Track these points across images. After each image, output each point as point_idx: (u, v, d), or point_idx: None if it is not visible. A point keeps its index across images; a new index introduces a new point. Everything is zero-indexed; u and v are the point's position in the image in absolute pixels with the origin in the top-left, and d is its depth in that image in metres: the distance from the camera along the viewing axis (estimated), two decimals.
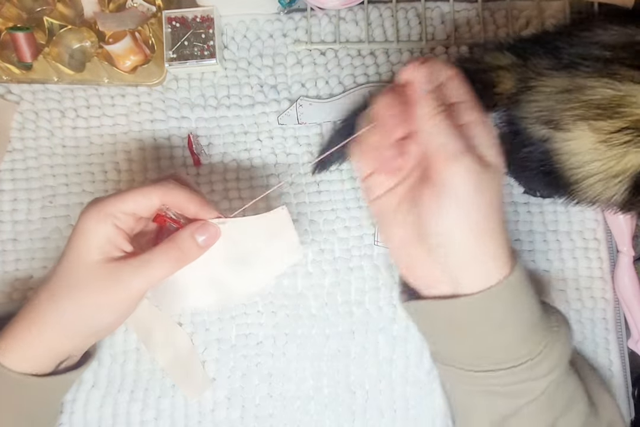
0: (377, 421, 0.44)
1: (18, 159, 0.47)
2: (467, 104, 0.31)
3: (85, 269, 0.33)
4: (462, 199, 0.30)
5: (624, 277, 0.44)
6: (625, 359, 0.45)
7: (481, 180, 0.30)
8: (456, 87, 0.32)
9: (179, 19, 0.46)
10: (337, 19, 0.48)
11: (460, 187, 0.30)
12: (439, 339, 0.38)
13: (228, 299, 0.39)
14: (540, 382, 0.34)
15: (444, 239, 0.32)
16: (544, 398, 0.34)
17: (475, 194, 0.30)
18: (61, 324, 0.33)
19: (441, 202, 0.30)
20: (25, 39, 0.45)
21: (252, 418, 0.44)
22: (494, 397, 0.35)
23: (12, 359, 0.34)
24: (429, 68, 0.31)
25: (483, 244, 0.32)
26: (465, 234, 0.31)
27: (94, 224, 0.33)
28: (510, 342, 0.34)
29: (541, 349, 0.34)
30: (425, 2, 0.48)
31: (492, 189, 0.31)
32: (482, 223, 0.31)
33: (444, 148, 0.30)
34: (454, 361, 0.36)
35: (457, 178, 0.30)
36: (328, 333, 0.45)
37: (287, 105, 0.47)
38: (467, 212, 0.31)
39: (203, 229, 0.35)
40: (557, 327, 0.36)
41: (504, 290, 0.33)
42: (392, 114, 0.31)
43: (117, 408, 0.43)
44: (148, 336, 0.44)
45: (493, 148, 0.31)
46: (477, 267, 0.33)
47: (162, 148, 0.47)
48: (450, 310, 0.34)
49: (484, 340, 0.34)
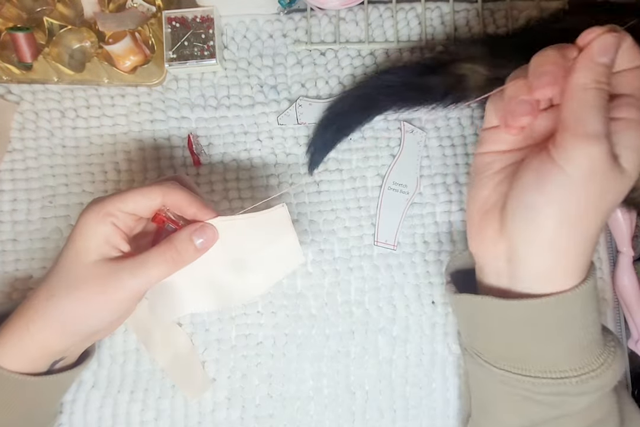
0: (377, 422, 0.44)
1: (18, 159, 0.47)
2: (634, 100, 0.28)
3: (83, 268, 0.33)
4: (574, 185, 0.27)
5: (624, 278, 0.44)
6: (625, 359, 0.45)
7: (605, 176, 0.26)
8: (633, 79, 0.28)
9: (179, 19, 0.46)
10: (337, 19, 0.48)
11: (580, 170, 0.26)
12: (481, 335, 0.35)
13: (227, 303, 0.39)
14: (583, 398, 0.31)
15: (526, 221, 0.29)
16: (580, 415, 0.32)
17: (589, 186, 0.27)
18: (60, 323, 0.33)
19: (548, 179, 0.27)
20: (25, 39, 0.45)
21: (252, 419, 0.44)
22: (528, 402, 0.33)
23: (7, 358, 0.34)
24: (622, 43, 0.27)
25: (567, 241, 0.28)
26: (552, 223, 0.28)
27: (94, 224, 0.33)
28: (567, 351, 0.31)
29: (599, 364, 0.31)
30: (425, 3, 0.48)
31: (611, 192, 0.27)
32: (578, 220, 0.28)
33: (584, 124, 0.26)
34: (491, 359, 0.34)
35: (582, 160, 0.26)
36: (328, 333, 0.45)
37: (287, 105, 0.47)
38: (569, 201, 0.27)
39: (201, 231, 0.34)
40: (614, 348, 0.32)
41: (574, 299, 0.30)
42: (549, 70, 0.27)
43: (116, 409, 0.43)
44: (148, 336, 0.44)
45: (635, 155, 0.27)
46: (551, 265, 0.30)
47: (162, 148, 0.47)
48: (506, 310, 0.31)
49: (537, 345, 0.32)
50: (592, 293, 0.31)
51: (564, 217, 0.28)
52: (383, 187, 0.46)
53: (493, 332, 0.33)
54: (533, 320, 0.31)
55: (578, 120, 0.26)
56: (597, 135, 0.26)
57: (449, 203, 0.46)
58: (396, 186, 0.46)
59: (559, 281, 0.30)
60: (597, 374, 0.31)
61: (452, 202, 0.46)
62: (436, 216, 0.46)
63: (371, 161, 0.47)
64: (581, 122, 0.26)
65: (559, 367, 0.31)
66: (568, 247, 0.29)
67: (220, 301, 0.38)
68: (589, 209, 0.28)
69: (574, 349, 0.31)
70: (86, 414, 0.43)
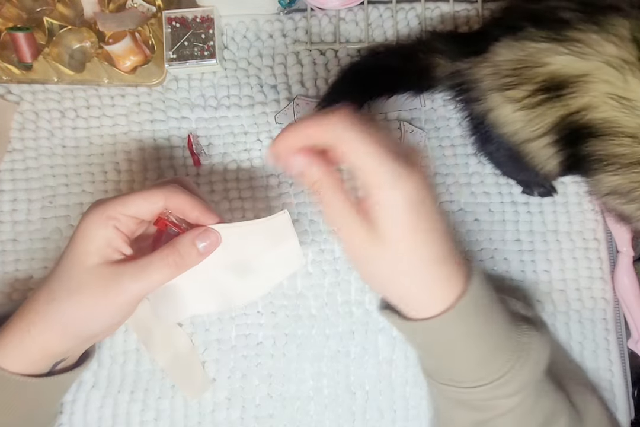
0: (377, 422, 0.44)
1: (18, 160, 0.47)
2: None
3: (84, 272, 0.33)
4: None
5: (624, 278, 0.44)
6: (625, 360, 0.45)
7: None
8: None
9: (179, 19, 0.46)
10: (337, 20, 0.48)
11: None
12: (416, 350, 0.38)
13: (228, 305, 0.38)
14: (509, 400, 0.33)
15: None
16: (519, 412, 0.34)
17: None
18: (61, 325, 0.33)
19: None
20: (25, 39, 0.45)
21: (252, 419, 0.44)
22: (466, 408, 0.35)
23: (8, 359, 0.34)
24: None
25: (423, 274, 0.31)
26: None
27: (95, 226, 0.33)
28: (465, 365, 0.33)
29: (506, 370, 0.32)
30: (425, 3, 0.48)
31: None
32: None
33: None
34: (428, 371, 0.37)
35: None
36: (328, 333, 0.45)
37: (287, 105, 0.47)
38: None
39: (204, 236, 0.34)
40: (529, 344, 0.34)
41: (453, 317, 0.31)
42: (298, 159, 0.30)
43: (117, 409, 0.43)
44: (148, 336, 0.44)
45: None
46: (422, 293, 0.32)
47: (162, 148, 0.47)
48: (409, 330, 0.34)
49: (438, 359, 0.35)
50: (476, 302, 0.32)
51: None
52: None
53: (416, 348, 0.37)
54: (426, 340, 0.34)
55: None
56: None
57: (449, 203, 0.46)
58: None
59: (430, 304, 0.31)
60: (508, 379, 0.32)
61: (452, 202, 0.46)
62: None
63: None
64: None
65: (473, 377, 0.33)
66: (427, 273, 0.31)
67: (222, 303, 0.38)
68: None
69: (478, 361, 0.33)
70: (86, 414, 0.43)
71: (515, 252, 0.46)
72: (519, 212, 0.46)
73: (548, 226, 0.46)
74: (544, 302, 0.45)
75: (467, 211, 0.46)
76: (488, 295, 0.33)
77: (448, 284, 0.31)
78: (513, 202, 0.46)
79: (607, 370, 0.44)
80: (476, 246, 0.46)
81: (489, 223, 0.46)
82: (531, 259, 0.46)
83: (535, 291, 0.45)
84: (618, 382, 0.44)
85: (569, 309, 0.45)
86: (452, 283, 0.31)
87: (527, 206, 0.46)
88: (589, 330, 0.45)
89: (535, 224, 0.46)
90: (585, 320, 0.45)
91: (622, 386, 0.44)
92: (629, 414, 0.44)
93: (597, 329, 0.45)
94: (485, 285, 0.33)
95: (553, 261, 0.46)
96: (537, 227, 0.46)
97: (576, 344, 0.44)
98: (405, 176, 0.28)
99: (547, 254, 0.46)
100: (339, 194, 0.30)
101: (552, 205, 0.46)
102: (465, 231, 0.46)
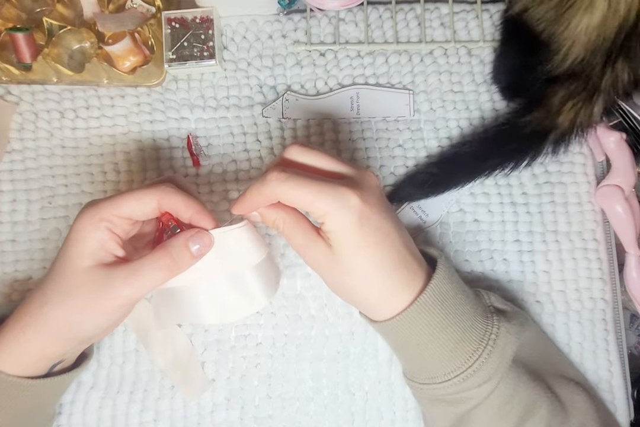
0: (377, 422, 0.44)
1: (17, 160, 0.47)
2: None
3: (77, 275, 0.32)
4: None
5: (632, 272, 0.45)
6: (625, 360, 0.45)
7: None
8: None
9: (179, 19, 0.46)
10: (336, 20, 0.48)
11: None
12: (395, 353, 0.40)
13: (228, 319, 0.36)
14: (480, 389, 0.34)
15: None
16: (497, 403, 0.35)
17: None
18: (54, 329, 0.33)
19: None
20: (25, 39, 0.45)
21: (252, 419, 0.44)
22: (443, 404, 0.36)
23: (5, 362, 0.33)
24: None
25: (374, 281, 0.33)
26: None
27: (88, 229, 0.32)
28: (435, 360, 0.35)
29: (474, 360, 0.34)
30: (424, 4, 0.48)
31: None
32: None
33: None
34: (409, 373, 0.38)
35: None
36: (327, 334, 0.45)
37: None
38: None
39: (197, 238, 0.33)
40: (496, 335, 0.35)
41: (413, 314, 0.33)
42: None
43: (115, 409, 0.43)
44: (147, 337, 0.44)
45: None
46: (380, 300, 0.34)
47: (162, 149, 0.47)
48: (380, 331, 0.36)
49: (411, 358, 0.36)
50: (431, 300, 0.33)
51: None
52: (405, 204, 0.46)
53: (394, 351, 0.39)
54: (391, 339, 0.36)
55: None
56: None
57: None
58: (418, 210, 0.46)
59: (390, 307, 0.34)
60: (476, 369, 0.34)
61: (452, 202, 0.46)
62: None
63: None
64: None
65: (440, 372, 0.34)
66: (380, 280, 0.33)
67: (222, 317, 0.36)
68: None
69: (447, 354, 0.34)
70: (85, 415, 0.43)
71: (514, 252, 0.46)
72: (518, 212, 0.46)
73: (547, 226, 0.46)
74: (544, 303, 0.45)
75: (466, 212, 0.46)
76: (451, 289, 0.35)
77: (405, 287, 0.33)
78: (512, 202, 0.46)
79: (606, 370, 0.44)
80: (476, 246, 0.46)
81: (489, 224, 0.46)
82: (530, 260, 0.46)
83: (535, 291, 0.45)
84: (617, 383, 0.44)
85: (569, 310, 0.45)
86: (409, 285, 0.33)
87: (527, 207, 0.46)
88: (588, 330, 0.45)
89: (535, 225, 0.46)
90: (584, 320, 0.45)
91: (621, 386, 0.44)
92: (628, 415, 0.44)
93: (596, 329, 0.45)
94: (448, 280, 0.35)
95: (552, 261, 0.46)
96: (536, 228, 0.46)
97: (575, 344, 0.44)
98: (345, 200, 0.31)
99: (547, 254, 0.46)
100: (300, 222, 0.33)
101: (551, 205, 0.46)
102: (465, 231, 0.46)
